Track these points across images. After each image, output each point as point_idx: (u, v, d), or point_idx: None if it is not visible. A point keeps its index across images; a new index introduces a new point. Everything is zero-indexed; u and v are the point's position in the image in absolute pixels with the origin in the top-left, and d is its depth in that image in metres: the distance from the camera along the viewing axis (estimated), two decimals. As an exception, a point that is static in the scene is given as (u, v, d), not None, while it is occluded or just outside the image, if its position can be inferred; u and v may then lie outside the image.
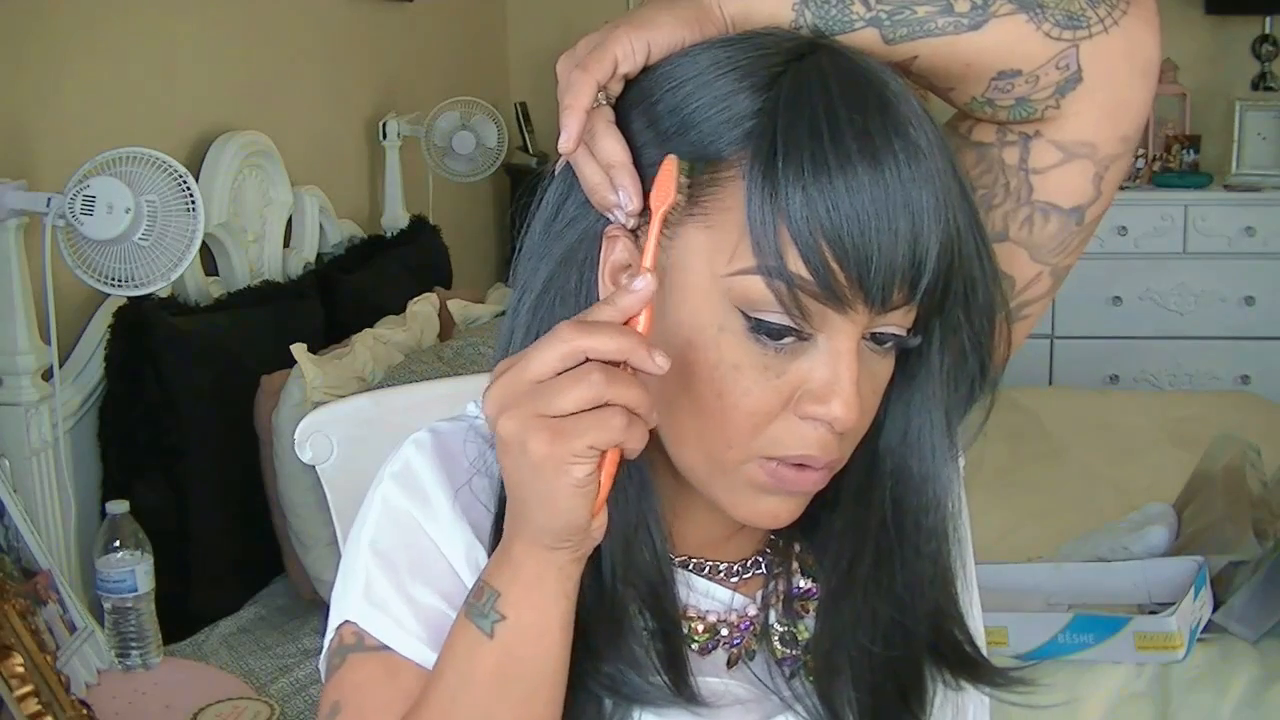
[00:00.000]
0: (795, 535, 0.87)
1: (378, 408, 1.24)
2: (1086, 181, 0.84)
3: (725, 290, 0.73)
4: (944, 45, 0.78)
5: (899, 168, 0.70)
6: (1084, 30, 0.79)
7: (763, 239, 0.70)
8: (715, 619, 0.85)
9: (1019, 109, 0.81)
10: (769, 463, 0.75)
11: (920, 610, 0.82)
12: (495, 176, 3.75)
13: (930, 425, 0.80)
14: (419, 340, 2.55)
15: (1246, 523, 2.06)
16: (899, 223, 0.70)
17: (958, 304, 0.76)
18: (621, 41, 0.76)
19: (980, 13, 0.78)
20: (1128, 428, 3.05)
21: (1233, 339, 4.04)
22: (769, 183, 0.70)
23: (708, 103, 0.73)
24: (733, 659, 0.85)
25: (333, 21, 3.08)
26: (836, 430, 0.74)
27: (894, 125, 0.71)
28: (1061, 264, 0.87)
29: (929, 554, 0.82)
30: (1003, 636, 1.87)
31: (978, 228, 0.76)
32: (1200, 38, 4.16)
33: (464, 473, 0.82)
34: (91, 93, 2.12)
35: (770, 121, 0.71)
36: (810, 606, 0.86)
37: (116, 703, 1.69)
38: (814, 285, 0.70)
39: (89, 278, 1.82)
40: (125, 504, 1.79)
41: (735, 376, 0.73)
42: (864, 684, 0.81)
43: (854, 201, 0.69)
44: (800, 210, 0.69)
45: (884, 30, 0.78)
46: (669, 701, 0.78)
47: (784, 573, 0.87)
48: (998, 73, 0.79)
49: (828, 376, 0.73)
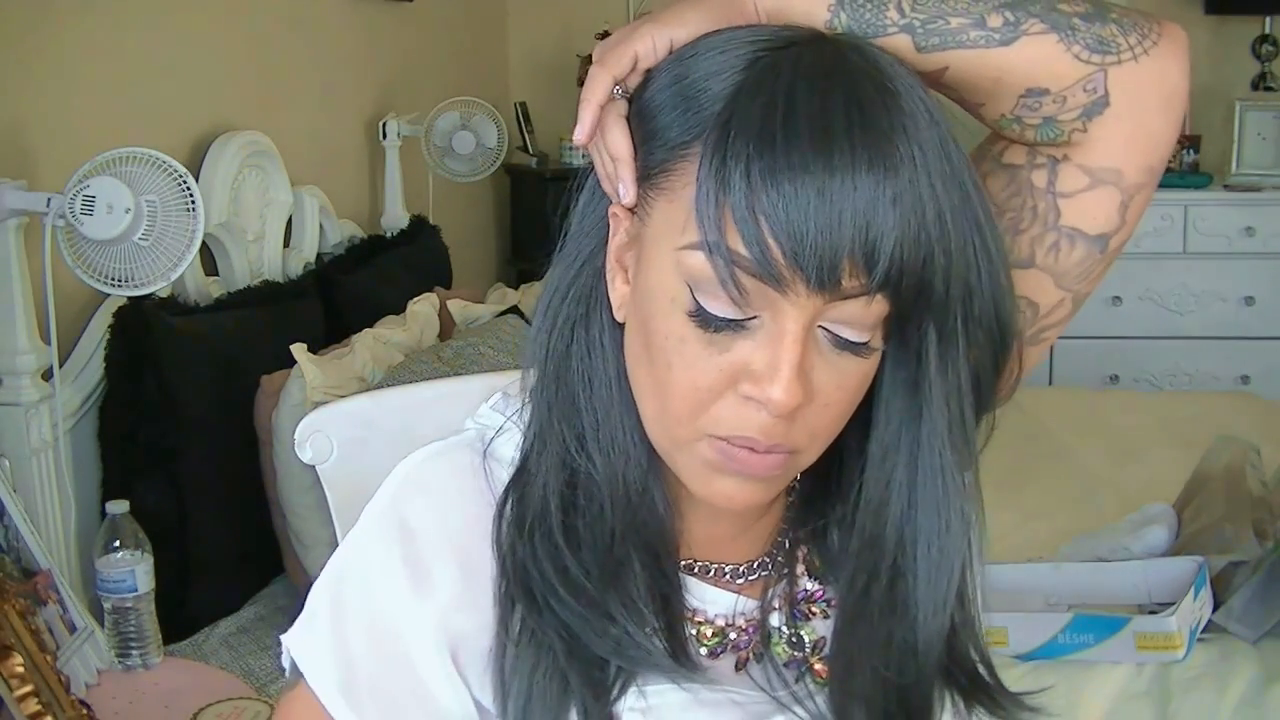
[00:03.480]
0: (802, 538, 0.87)
1: (378, 408, 1.24)
2: (1113, 209, 0.84)
3: (677, 263, 0.74)
4: (975, 58, 0.79)
5: (853, 152, 0.69)
6: (1113, 56, 0.80)
7: (706, 212, 0.71)
8: (724, 623, 0.85)
9: (1046, 129, 0.82)
10: (717, 441, 0.76)
11: (934, 630, 0.81)
12: (495, 176, 3.76)
13: (943, 444, 0.79)
14: (419, 340, 2.55)
15: (1246, 523, 2.06)
16: (843, 205, 0.69)
17: (953, 311, 0.75)
18: (644, 38, 0.78)
19: (1012, 29, 0.79)
20: (1128, 428, 3.05)
21: (1232, 339, 4.04)
22: (718, 158, 0.71)
23: (697, 80, 0.75)
24: (740, 662, 0.85)
25: (333, 21, 3.08)
26: (773, 414, 0.73)
27: (862, 113, 0.70)
28: (1083, 291, 0.88)
29: (945, 572, 0.81)
30: (1003, 636, 1.87)
31: (981, 237, 0.75)
32: (1200, 38, 4.16)
33: (461, 514, 0.82)
34: (91, 93, 2.12)
35: (732, 102, 0.72)
36: (816, 609, 0.86)
37: (116, 703, 1.69)
38: (750, 262, 0.71)
39: (89, 278, 1.82)
40: (125, 504, 1.79)
41: (681, 349, 0.75)
42: (877, 708, 0.81)
43: (794, 180, 0.69)
44: (741, 186, 0.70)
45: (916, 38, 0.79)
46: (670, 669, 0.79)
47: (790, 575, 0.87)
48: (1026, 90, 0.80)
49: (768, 359, 0.73)
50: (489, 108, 3.33)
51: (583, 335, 0.82)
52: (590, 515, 0.81)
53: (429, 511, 0.82)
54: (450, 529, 0.82)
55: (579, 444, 0.82)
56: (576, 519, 0.81)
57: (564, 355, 0.83)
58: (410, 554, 0.81)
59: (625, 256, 0.80)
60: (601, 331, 0.82)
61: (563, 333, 0.83)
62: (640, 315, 0.77)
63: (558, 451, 0.82)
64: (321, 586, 0.83)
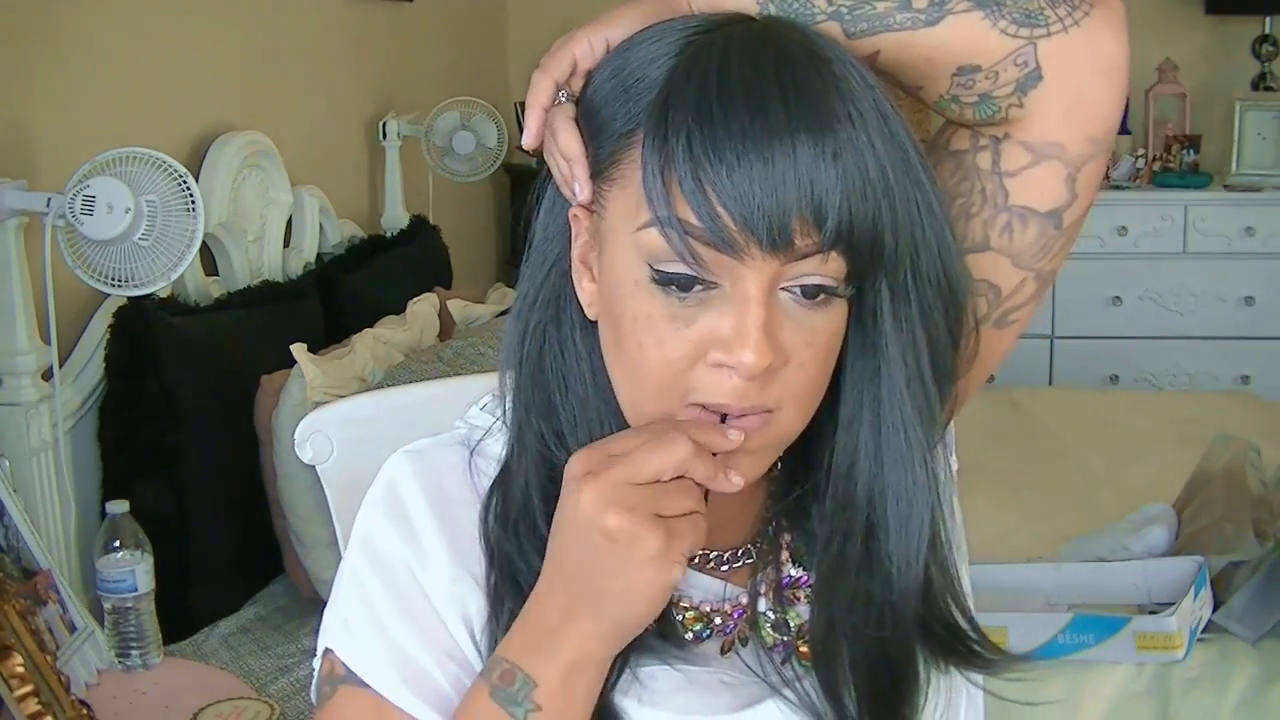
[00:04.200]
0: (785, 525, 0.88)
1: (378, 408, 1.24)
2: (1059, 183, 0.85)
3: (634, 245, 0.76)
4: (904, 40, 0.81)
5: (789, 116, 0.71)
6: (1041, 29, 0.81)
7: (654, 191, 0.73)
8: (708, 608, 0.86)
9: (983, 106, 0.83)
10: (694, 409, 0.77)
11: (909, 583, 0.82)
12: (495, 176, 3.76)
13: (902, 400, 0.80)
14: (419, 340, 2.55)
15: (1246, 523, 2.06)
16: (784, 168, 0.71)
17: (903, 267, 0.77)
18: (580, 41, 0.81)
19: (938, 9, 0.80)
20: (1128, 428, 3.05)
21: (1232, 339, 4.04)
22: (659, 136, 0.73)
23: (634, 70, 0.77)
24: (725, 647, 0.86)
25: (333, 21, 3.08)
26: (745, 376, 0.74)
27: (794, 80, 0.72)
28: (1045, 269, 0.88)
29: (915, 525, 0.82)
30: (1003, 636, 1.87)
31: (923, 193, 0.77)
32: (1200, 38, 4.16)
33: (450, 500, 0.85)
34: (91, 93, 2.12)
35: (668, 84, 0.74)
36: (801, 595, 0.87)
37: (116, 703, 1.69)
38: (702, 231, 0.72)
39: (89, 278, 1.82)
40: (125, 504, 1.79)
41: (649, 326, 0.76)
42: (860, 668, 0.82)
43: (734, 146, 0.71)
44: (684, 159, 0.72)
45: (845, 24, 0.80)
46: (660, 649, 0.80)
47: (774, 561, 0.88)
48: (957, 68, 0.82)
49: (733, 323, 0.74)
50: (489, 108, 3.33)
51: (554, 336, 0.84)
52: None
53: (420, 494, 0.85)
54: (440, 515, 0.84)
55: (558, 440, 0.83)
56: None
57: (538, 357, 0.84)
58: (408, 533, 0.84)
59: (589, 256, 0.81)
60: (573, 329, 0.84)
61: (535, 336, 0.84)
62: (608, 305, 0.79)
63: (538, 449, 0.84)
64: (345, 592, 0.85)
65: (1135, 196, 4.00)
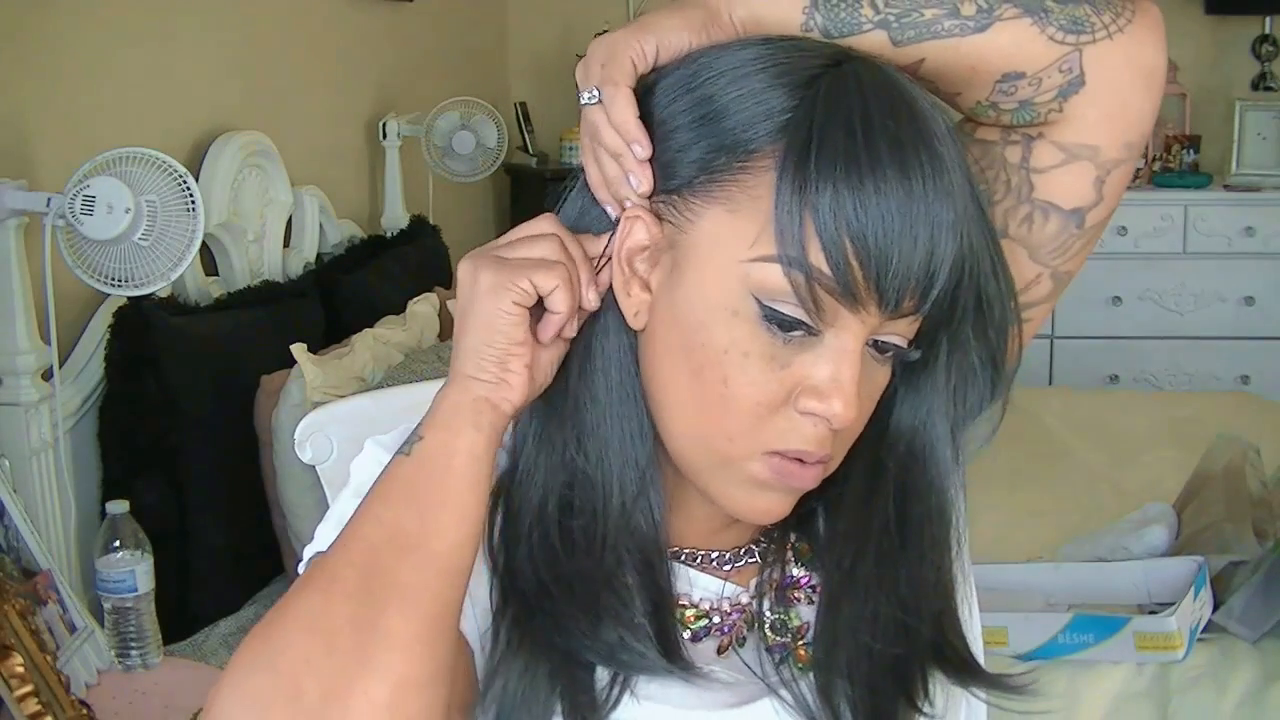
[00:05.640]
0: (790, 526, 0.88)
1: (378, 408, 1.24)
2: (1088, 184, 0.85)
3: (743, 275, 0.74)
4: (950, 47, 0.80)
5: (924, 178, 0.72)
6: (1088, 35, 0.81)
7: (787, 229, 0.72)
8: (708, 606, 0.86)
9: (1022, 113, 0.83)
10: (773, 458, 0.77)
11: (924, 611, 0.83)
12: (495, 176, 3.75)
13: (936, 437, 0.82)
14: (419, 340, 2.55)
15: (1246, 523, 2.06)
16: (919, 230, 0.72)
17: (966, 321, 0.78)
18: (633, 46, 0.79)
19: (986, 16, 0.80)
20: (1128, 428, 3.05)
21: (1232, 339, 4.04)
22: (801, 175, 0.72)
23: (745, 94, 0.75)
24: (723, 646, 0.85)
25: (333, 22, 3.08)
26: (835, 426, 0.75)
27: (923, 137, 0.73)
28: (1062, 268, 0.88)
29: (932, 561, 0.83)
30: (1003, 636, 1.87)
31: (994, 245, 0.78)
32: (1200, 38, 4.16)
33: None
34: (91, 93, 2.12)
35: (807, 117, 0.73)
36: (801, 595, 0.87)
37: (116, 703, 1.69)
38: (831, 280, 0.72)
39: (89, 278, 1.82)
40: (125, 504, 1.79)
41: (743, 363, 0.75)
42: (862, 681, 0.82)
43: (881, 204, 0.71)
44: (828, 205, 0.71)
45: (892, 32, 0.79)
46: (662, 670, 0.79)
47: (778, 562, 0.88)
48: (1002, 75, 0.81)
49: (831, 373, 0.74)
50: (489, 108, 3.33)
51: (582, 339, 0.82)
52: (585, 518, 0.80)
53: None
54: None
55: (578, 445, 0.82)
56: (572, 520, 0.81)
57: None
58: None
59: (638, 260, 0.79)
60: (605, 335, 0.81)
61: None
62: (680, 327, 0.77)
63: (559, 451, 0.81)
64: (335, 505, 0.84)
65: (1135, 196, 4.00)
